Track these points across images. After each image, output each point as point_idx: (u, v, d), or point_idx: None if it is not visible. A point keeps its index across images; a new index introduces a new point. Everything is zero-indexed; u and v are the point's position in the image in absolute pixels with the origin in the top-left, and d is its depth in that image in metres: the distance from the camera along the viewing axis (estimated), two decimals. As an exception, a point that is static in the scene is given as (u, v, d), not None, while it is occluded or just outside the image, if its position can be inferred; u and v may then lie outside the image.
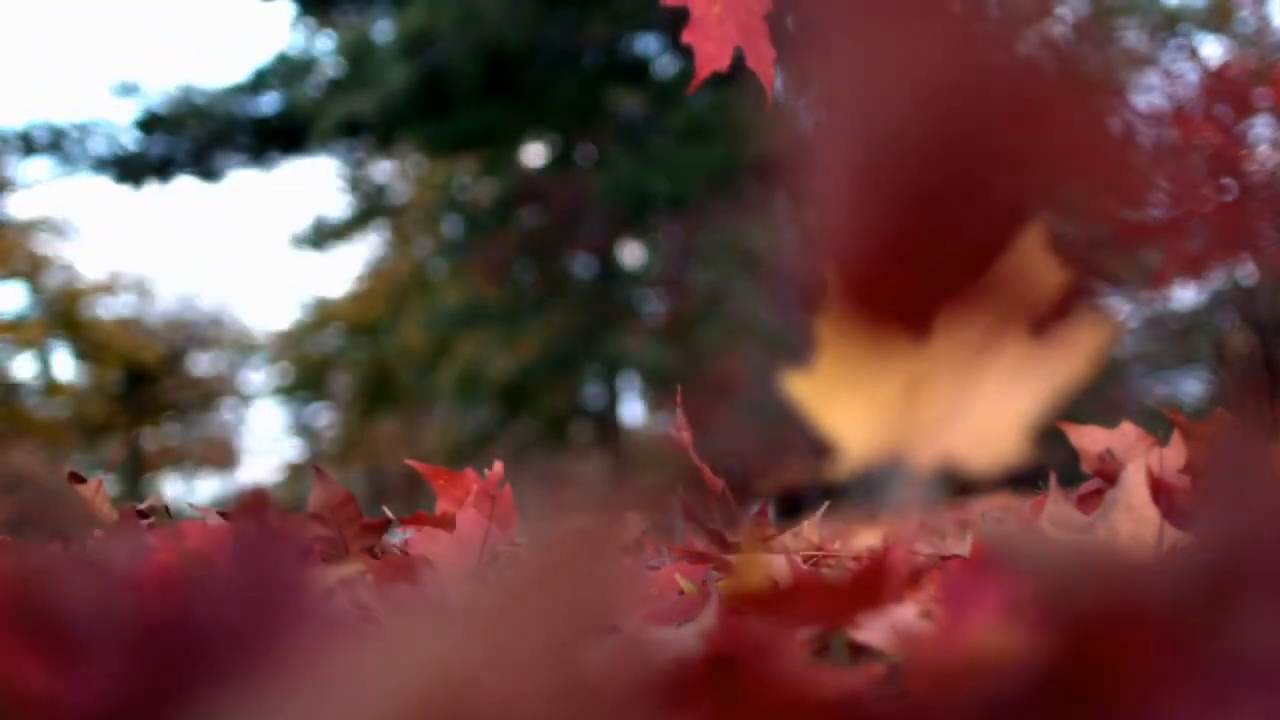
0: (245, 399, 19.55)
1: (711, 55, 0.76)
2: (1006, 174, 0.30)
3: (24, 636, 0.26)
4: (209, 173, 11.91)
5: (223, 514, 0.90)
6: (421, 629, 0.24)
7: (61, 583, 0.28)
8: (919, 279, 0.30)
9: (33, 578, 0.27)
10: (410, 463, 1.03)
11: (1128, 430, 0.97)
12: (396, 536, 1.00)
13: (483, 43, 9.51)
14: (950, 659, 0.39)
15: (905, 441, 0.38)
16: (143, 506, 0.89)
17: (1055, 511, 0.81)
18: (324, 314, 18.60)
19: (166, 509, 0.93)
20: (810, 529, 0.87)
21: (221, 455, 19.48)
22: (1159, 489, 0.72)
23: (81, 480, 0.89)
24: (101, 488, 0.89)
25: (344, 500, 0.87)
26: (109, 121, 14.66)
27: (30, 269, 15.11)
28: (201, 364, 18.87)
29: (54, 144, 11.72)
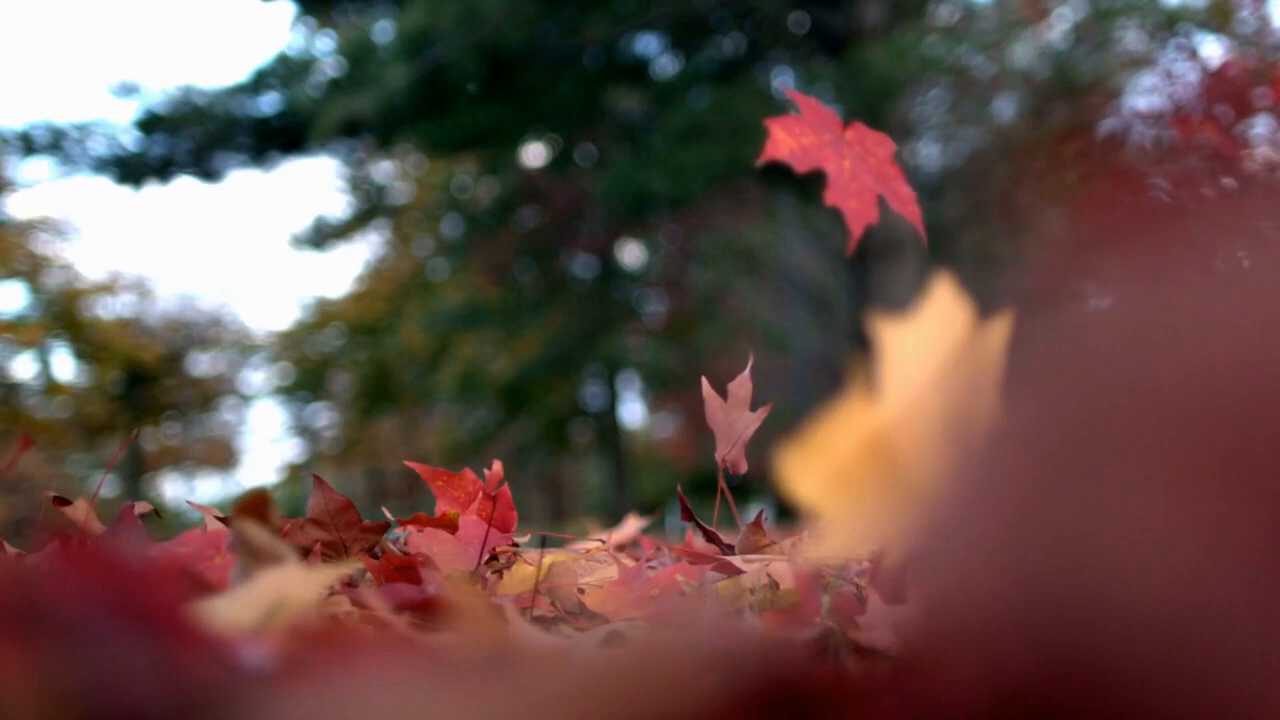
0: (245, 399, 19.54)
1: (858, 211, 0.77)
2: None
3: (18, 636, 0.26)
4: (209, 173, 11.89)
5: (222, 520, 0.90)
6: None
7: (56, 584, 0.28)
8: None
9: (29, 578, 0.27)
10: (409, 464, 1.03)
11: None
12: (397, 537, 1.00)
13: (483, 43, 9.49)
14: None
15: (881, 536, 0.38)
16: (136, 513, 0.89)
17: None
18: (324, 314, 18.59)
19: (157, 511, 0.93)
20: (809, 541, 0.87)
21: (221, 455, 19.48)
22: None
23: (66, 503, 0.89)
24: (90, 511, 0.89)
25: (343, 507, 0.87)
26: (109, 121, 14.63)
27: (30, 269, 15.10)
28: (201, 364, 18.86)
29: (54, 144, 11.70)
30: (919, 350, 0.42)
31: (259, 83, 11.53)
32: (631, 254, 14.46)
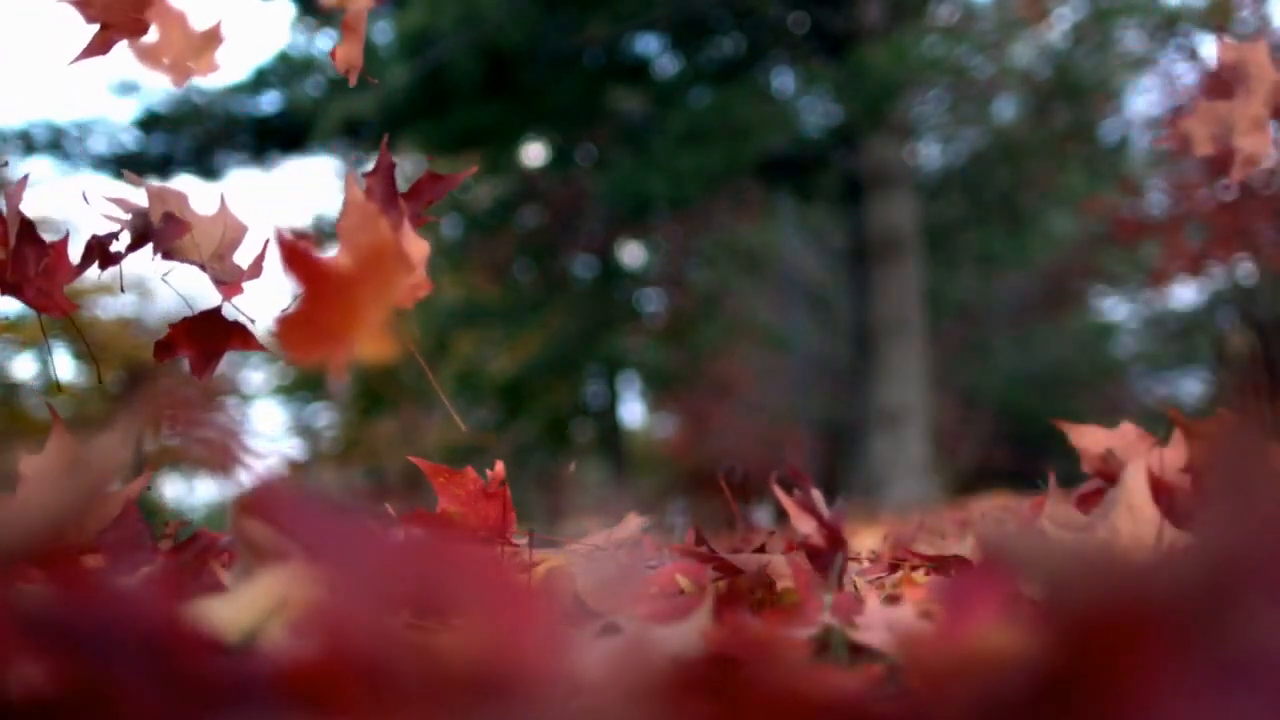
0: (245, 399, 19.54)
1: None
2: None
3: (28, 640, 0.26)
4: (209, 172, 11.88)
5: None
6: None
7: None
8: None
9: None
10: (412, 459, 1.03)
11: (1128, 430, 0.97)
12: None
13: (483, 43, 9.49)
14: (950, 659, 0.39)
15: None
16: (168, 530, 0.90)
17: (1055, 511, 0.81)
18: (324, 313, 18.58)
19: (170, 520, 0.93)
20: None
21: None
22: (1159, 489, 0.72)
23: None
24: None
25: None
26: (109, 120, 14.63)
27: (30, 269, 15.08)
28: (201, 364, 18.82)
29: (54, 143, 11.68)
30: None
31: (259, 82, 11.53)
32: (631, 254, 14.47)
